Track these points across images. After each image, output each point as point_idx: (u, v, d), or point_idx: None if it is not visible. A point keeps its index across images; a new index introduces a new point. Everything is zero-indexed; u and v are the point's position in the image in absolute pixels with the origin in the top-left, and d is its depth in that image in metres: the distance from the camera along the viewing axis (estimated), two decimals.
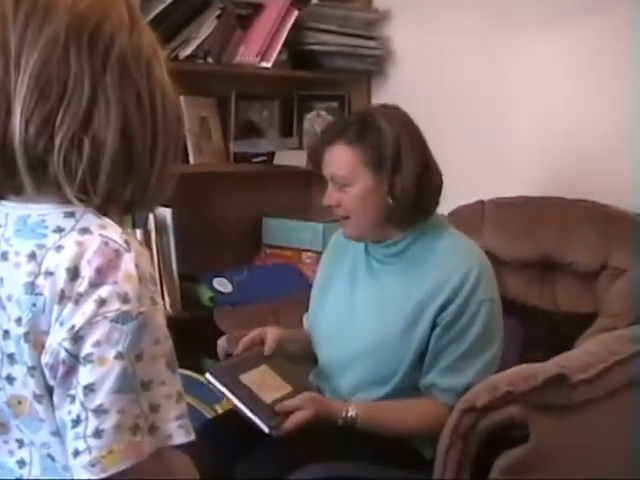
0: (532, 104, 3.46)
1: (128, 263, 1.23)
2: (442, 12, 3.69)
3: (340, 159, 2.39)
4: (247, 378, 2.33)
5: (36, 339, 1.23)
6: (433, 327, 2.35)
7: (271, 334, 2.49)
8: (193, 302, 3.49)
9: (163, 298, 3.32)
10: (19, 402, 1.29)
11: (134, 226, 3.26)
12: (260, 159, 3.71)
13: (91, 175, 1.26)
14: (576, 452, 2.34)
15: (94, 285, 1.21)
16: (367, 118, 2.39)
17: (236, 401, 2.26)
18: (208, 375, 2.31)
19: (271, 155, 3.71)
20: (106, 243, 1.24)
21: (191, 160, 3.53)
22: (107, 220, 1.29)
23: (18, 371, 1.27)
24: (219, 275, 3.55)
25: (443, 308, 2.34)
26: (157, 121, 1.32)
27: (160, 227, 3.37)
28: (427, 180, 2.39)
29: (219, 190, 3.81)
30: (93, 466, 1.21)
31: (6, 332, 1.26)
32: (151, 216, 3.32)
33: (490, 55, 3.57)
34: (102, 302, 1.21)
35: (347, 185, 2.39)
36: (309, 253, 3.74)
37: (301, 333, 2.69)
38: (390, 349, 2.39)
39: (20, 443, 1.33)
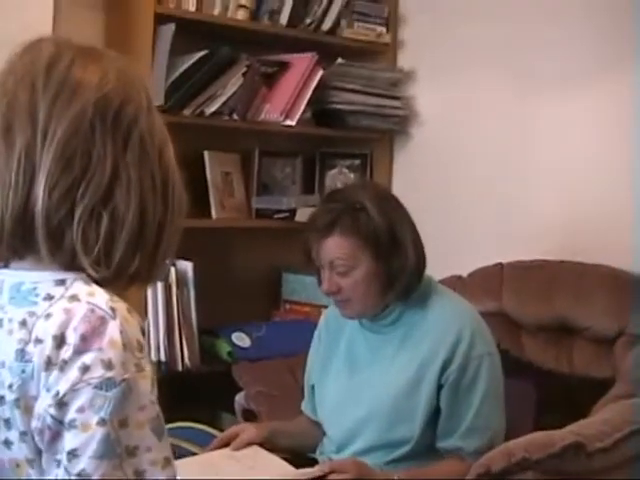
0: (554, 168, 3.47)
1: (113, 330, 1.25)
2: (466, 73, 3.73)
3: (338, 249, 2.39)
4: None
5: (26, 405, 1.25)
6: (439, 387, 2.38)
7: (246, 434, 2.47)
8: (212, 356, 3.51)
9: (182, 351, 3.35)
10: (17, 465, 1.30)
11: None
12: (281, 215, 3.74)
13: (106, 249, 1.30)
14: None
15: (78, 352, 1.23)
16: (356, 205, 2.38)
17: None
18: None
19: (293, 212, 3.74)
20: (92, 310, 1.26)
21: (213, 215, 3.57)
22: (96, 287, 1.31)
23: (14, 436, 1.28)
24: (238, 329, 3.57)
25: (445, 367, 2.37)
26: (168, 201, 1.37)
27: (181, 280, 3.39)
28: (421, 248, 2.44)
29: (240, 245, 3.84)
30: None
31: (2, 397, 1.28)
32: (172, 269, 3.36)
33: (513, 117, 3.59)
34: (86, 369, 1.22)
35: (349, 270, 2.39)
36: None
37: (292, 426, 2.69)
38: (397, 411, 2.40)
39: None
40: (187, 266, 3.41)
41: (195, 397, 3.32)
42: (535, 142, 3.54)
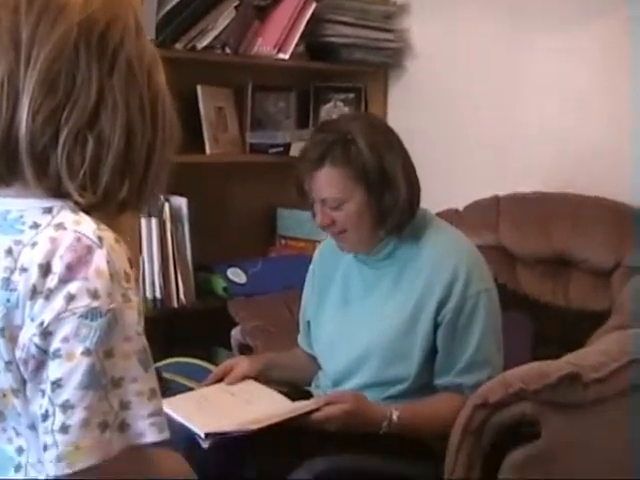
0: (551, 100, 3.45)
1: (99, 259, 1.24)
2: (460, 6, 3.69)
3: (331, 182, 2.36)
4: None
5: (11, 334, 1.24)
6: (436, 326, 2.37)
7: (240, 368, 2.48)
8: (207, 292, 3.51)
9: (177, 288, 3.34)
10: (4, 395, 1.30)
11: (149, 215, 3.28)
12: (276, 150, 3.71)
13: (92, 173, 1.28)
14: (587, 451, 2.34)
15: (64, 281, 1.22)
16: (347, 136, 2.35)
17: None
18: None
19: (287, 146, 3.71)
20: (78, 239, 1.25)
21: (207, 150, 3.54)
22: (83, 216, 1.30)
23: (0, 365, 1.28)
24: (233, 265, 3.57)
25: (441, 306, 2.35)
26: (157, 126, 1.35)
27: (175, 216, 3.38)
28: (416, 181, 2.42)
29: (235, 180, 3.82)
30: (59, 461, 1.22)
31: None
32: (166, 205, 3.34)
33: (507, 50, 3.56)
34: (71, 298, 1.22)
35: (341, 204, 2.37)
36: None
37: (286, 358, 2.70)
38: (394, 349, 2.40)
39: (17, 431, 1.33)
40: (181, 202, 3.40)
41: (191, 333, 3.33)
42: (532, 75, 3.51)
